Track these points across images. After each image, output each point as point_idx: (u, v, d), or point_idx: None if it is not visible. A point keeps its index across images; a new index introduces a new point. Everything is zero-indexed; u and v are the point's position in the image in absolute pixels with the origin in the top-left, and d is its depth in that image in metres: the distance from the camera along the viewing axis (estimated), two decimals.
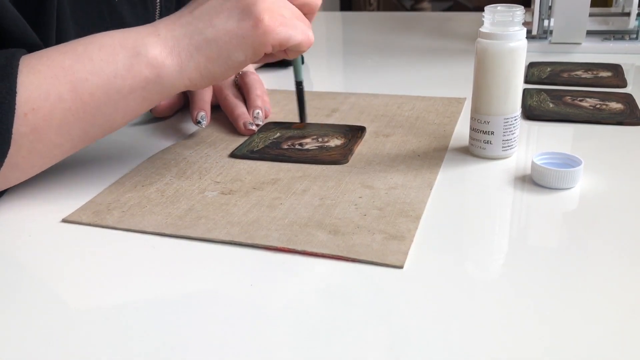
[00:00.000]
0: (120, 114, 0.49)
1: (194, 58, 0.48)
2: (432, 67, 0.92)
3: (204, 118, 0.63)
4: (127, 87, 0.48)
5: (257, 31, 0.48)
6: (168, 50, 0.48)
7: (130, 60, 0.47)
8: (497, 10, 0.52)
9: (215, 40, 0.48)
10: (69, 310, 0.37)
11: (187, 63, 0.48)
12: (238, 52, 0.48)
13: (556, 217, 0.47)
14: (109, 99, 0.48)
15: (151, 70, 0.48)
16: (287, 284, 0.39)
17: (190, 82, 0.49)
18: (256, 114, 0.64)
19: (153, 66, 0.48)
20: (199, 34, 0.48)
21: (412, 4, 2.97)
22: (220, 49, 0.48)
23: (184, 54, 0.48)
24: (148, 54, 0.48)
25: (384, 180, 0.52)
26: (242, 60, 0.49)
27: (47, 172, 0.56)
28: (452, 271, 0.40)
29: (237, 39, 0.48)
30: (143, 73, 0.48)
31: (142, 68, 0.48)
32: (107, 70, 0.47)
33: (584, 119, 0.65)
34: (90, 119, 0.48)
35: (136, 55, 0.48)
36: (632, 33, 0.98)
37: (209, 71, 0.49)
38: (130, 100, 0.48)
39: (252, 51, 0.49)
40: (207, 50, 0.48)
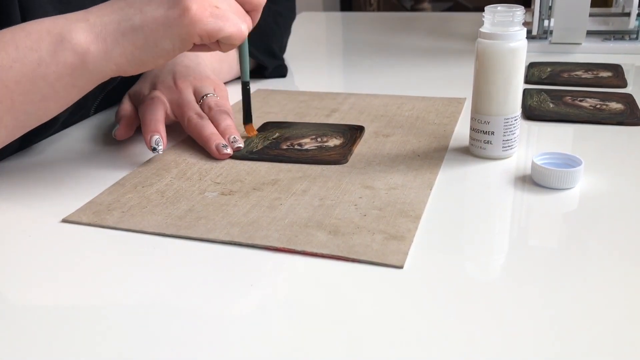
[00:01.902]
0: (52, 101, 0.49)
1: (120, 44, 0.48)
2: (432, 67, 0.92)
3: (159, 143, 0.56)
4: (52, 74, 0.47)
5: (183, 20, 0.47)
6: (94, 35, 0.48)
7: (54, 47, 0.47)
8: (497, 10, 0.52)
9: (142, 27, 0.48)
10: (69, 310, 0.37)
11: (112, 49, 0.48)
12: (165, 41, 0.48)
13: (556, 217, 0.47)
14: (35, 86, 0.47)
15: (75, 56, 0.47)
16: (287, 284, 0.39)
17: (118, 68, 0.49)
18: (233, 139, 0.59)
19: (77, 52, 0.47)
20: (127, 20, 0.48)
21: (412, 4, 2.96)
22: (147, 37, 0.48)
23: (110, 40, 0.48)
24: (72, 40, 0.47)
25: (384, 180, 0.52)
26: (170, 49, 0.49)
27: (47, 172, 0.56)
28: (452, 271, 0.40)
29: (164, 27, 0.48)
30: (68, 59, 0.47)
31: (66, 54, 0.47)
32: (31, 58, 0.47)
33: (584, 119, 0.65)
34: (20, 107, 0.48)
35: (60, 41, 0.47)
36: (632, 33, 0.98)
37: (136, 58, 0.49)
38: (58, 87, 0.48)
39: (179, 40, 0.49)
40: (133, 37, 0.48)
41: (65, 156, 0.61)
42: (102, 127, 0.68)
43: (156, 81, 0.65)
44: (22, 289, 0.40)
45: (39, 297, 0.39)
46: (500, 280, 0.39)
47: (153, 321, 0.36)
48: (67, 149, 0.62)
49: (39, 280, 0.41)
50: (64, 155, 0.61)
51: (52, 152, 0.62)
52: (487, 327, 0.34)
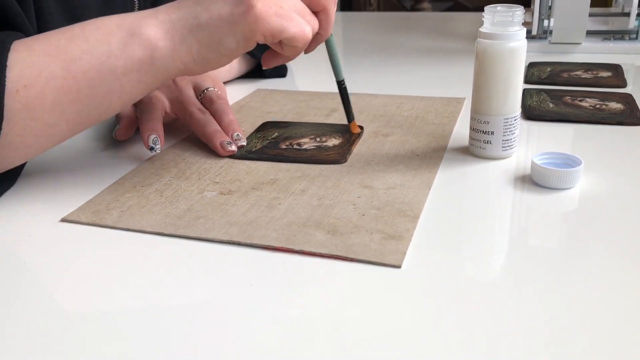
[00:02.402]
0: (116, 96, 0.49)
1: (186, 41, 0.48)
2: (432, 67, 0.92)
3: (157, 142, 0.57)
4: (121, 67, 0.47)
5: (247, 18, 0.47)
6: (163, 32, 0.48)
7: (124, 41, 0.47)
8: (497, 10, 0.52)
9: (208, 24, 0.48)
10: (68, 310, 0.37)
11: (179, 46, 0.48)
12: (229, 38, 0.48)
13: (556, 217, 0.47)
14: (102, 79, 0.47)
15: (144, 51, 0.47)
16: (285, 284, 0.39)
17: (184, 67, 0.49)
18: (236, 136, 0.59)
19: (146, 47, 0.47)
20: (194, 17, 0.48)
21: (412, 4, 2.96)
22: (212, 34, 0.48)
23: (177, 37, 0.48)
24: (142, 35, 0.47)
25: (383, 180, 0.52)
26: (234, 48, 0.49)
27: (47, 172, 0.56)
28: (451, 271, 0.40)
29: (228, 24, 0.47)
30: (136, 54, 0.47)
31: (135, 49, 0.47)
32: (101, 50, 0.47)
33: (584, 119, 0.65)
34: (84, 100, 0.47)
35: (131, 35, 0.47)
36: (632, 33, 0.98)
37: (202, 56, 0.48)
38: (124, 82, 0.48)
39: (242, 38, 0.48)
40: (199, 34, 0.48)
41: (64, 156, 0.61)
42: (102, 126, 0.68)
43: None
44: (21, 289, 0.40)
45: (38, 296, 0.39)
46: (499, 280, 0.39)
47: (152, 321, 0.36)
48: (66, 149, 0.62)
49: (38, 280, 0.40)
50: (64, 155, 0.61)
51: (51, 151, 0.62)
52: (486, 327, 0.34)
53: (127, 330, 0.35)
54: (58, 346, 0.34)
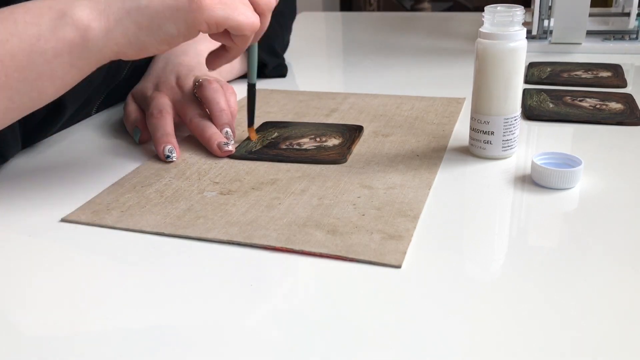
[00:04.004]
0: (47, 80, 0.46)
1: (122, 23, 0.46)
2: (432, 67, 0.92)
3: (173, 151, 0.57)
4: (51, 50, 0.45)
5: (191, 5, 0.46)
6: (97, 12, 0.46)
7: (55, 22, 0.45)
8: (497, 10, 0.52)
9: (147, 7, 0.46)
10: (68, 309, 0.37)
11: (114, 27, 0.46)
12: (170, 25, 0.46)
13: (556, 217, 0.47)
14: (31, 62, 0.45)
15: (76, 32, 0.45)
16: (285, 284, 0.39)
17: (118, 49, 0.47)
18: (226, 133, 0.59)
19: (78, 28, 0.45)
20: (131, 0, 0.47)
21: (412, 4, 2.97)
22: (152, 18, 0.46)
23: (113, 18, 0.46)
24: (74, 15, 0.45)
25: (383, 180, 0.52)
26: (174, 34, 0.47)
27: (47, 171, 0.56)
28: (451, 271, 0.40)
29: (171, 10, 0.46)
30: (68, 35, 0.45)
31: (66, 30, 0.45)
32: (30, 32, 0.45)
33: (584, 119, 0.65)
34: (14, 84, 0.45)
35: (62, 16, 0.45)
36: (632, 33, 0.98)
37: (139, 40, 0.47)
38: (55, 65, 0.46)
39: (184, 26, 0.47)
40: (137, 16, 0.46)
41: (65, 156, 0.61)
42: (103, 126, 0.68)
43: (159, 82, 0.65)
44: (21, 288, 0.40)
45: (38, 295, 0.39)
46: (499, 280, 0.39)
47: (152, 320, 0.36)
48: (66, 149, 0.62)
49: (38, 279, 0.40)
50: (64, 155, 0.61)
51: (52, 151, 0.62)
52: (485, 327, 0.34)
53: (127, 329, 0.35)
54: (57, 346, 0.34)
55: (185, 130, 0.63)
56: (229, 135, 0.59)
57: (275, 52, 0.86)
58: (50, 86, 0.47)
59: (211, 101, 0.61)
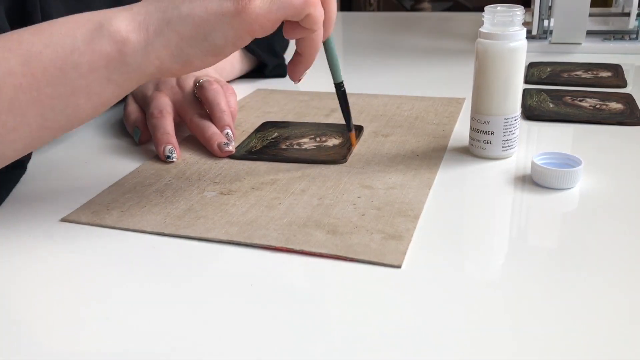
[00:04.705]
0: (83, 97, 0.43)
1: (163, 34, 0.42)
2: (432, 67, 0.92)
3: (173, 151, 0.56)
4: (86, 63, 0.42)
5: (237, 7, 0.42)
6: (136, 24, 0.42)
7: (91, 34, 0.42)
8: (497, 10, 0.52)
9: (190, 15, 0.42)
10: (68, 309, 0.37)
11: (154, 39, 0.42)
12: (216, 33, 0.42)
13: (556, 217, 0.47)
14: (65, 77, 0.42)
15: (113, 45, 0.42)
16: (285, 284, 0.39)
17: (161, 63, 0.43)
18: (226, 135, 0.58)
19: (115, 41, 0.42)
20: (173, 8, 0.43)
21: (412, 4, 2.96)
22: (197, 27, 0.42)
23: (152, 29, 0.42)
24: (111, 27, 0.42)
25: (383, 180, 0.52)
26: (221, 44, 0.43)
27: (47, 172, 0.56)
28: (451, 271, 0.40)
29: (216, 16, 0.42)
30: (104, 48, 0.42)
31: (102, 42, 0.42)
32: (64, 44, 0.42)
33: (584, 119, 0.65)
34: (46, 100, 0.42)
35: (99, 28, 0.42)
36: (632, 33, 0.98)
37: (182, 52, 0.43)
38: (91, 80, 0.42)
39: (232, 32, 0.42)
40: (179, 27, 0.42)
41: (65, 156, 0.61)
42: (104, 126, 0.68)
43: (159, 81, 0.64)
44: (21, 288, 0.40)
45: (38, 295, 0.39)
46: (499, 280, 0.39)
47: (152, 320, 0.36)
48: (67, 149, 0.62)
49: (38, 279, 0.40)
50: (64, 155, 0.61)
51: (52, 151, 0.62)
52: (485, 327, 0.34)
53: (127, 330, 0.35)
54: (58, 346, 0.34)
55: (185, 131, 0.63)
56: (230, 137, 0.59)
57: (275, 52, 0.86)
58: (85, 103, 0.43)
59: (212, 102, 0.61)
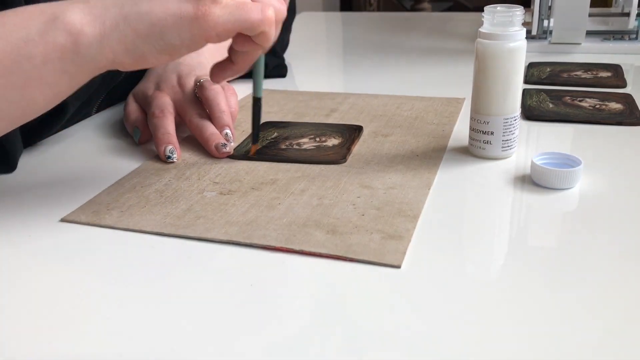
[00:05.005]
0: (37, 88, 0.43)
1: (119, 28, 0.42)
2: (432, 67, 0.92)
3: (174, 152, 0.57)
4: (40, 55, 0.42)
5: (196, 13, 0.42)
6: (91, 17, 0.43)
7: (45, 26, 0.42)
8: (496, 10, 0.52)
9: (149, 13, 0.42)
10: (68, 309, 0.37)
11: (110, 33, 0.42)
12: (172, 34, 0.43)
13: (555, 217, 0.47)
14: (18, 67, 0.42)
15: (67, 37, 0.42)
16: (285, 284, 0.39)
17: (114, 57, 0.43)
18: (226, 135, 0.58)
19: (70, 33, 0.42)
20: (132, 4, 0.43)
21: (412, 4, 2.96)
22: (152, 25, 0.42)
23: (109, 23, 0.42)
24: (66, 18, 0.42)
25: (383, 180, 0.52)
26: (176, 44, 0.43)
27: (47, 172, 0.56)
28: (450, 271, 0.40)
29: (174, 18, 0.42)
30: (58, 40, 0.42)
31: (57, 34, 0.42)
32: (18, 35, 0.42)
33: (584, 119, 0.65)
34: (1, 92, 0.42)
35: (53, 20, 0.42)
36: (632, 33, 0.98)
37: (137, 48, 0.43)
38: (45, 71, 0.42)
39: (189, 36, 0.43)
40: (136, 23, 0.42)
41: (65, 156, 0.61)
42: (104, 126, 0.68)
43: (160, 81, 0.64)
44: (21, 288, 0.40)
45: (38, 295, 0.39)
46: (498, 280, 0.39)
47: (152, 320, 0.36)
48: (67, 149, 0.62)
49: (38, 279, 0.40)
50: (64, 155, 0.61)
51: (52, 151, 0.62)
52: (485, 327, 0.34)
53: (127, 329, 0.35)
54: (57, 346, 0.34)
55: (185, 131, 0.63)
56: (229, 137, 0.59)
57: (275, 51, 0.86)
58: (40, 94, 0.44)
59: (212, 102, 0.60)
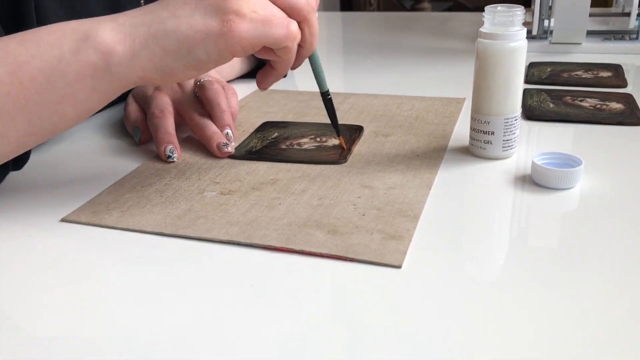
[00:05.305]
0: (69, 104, 0.45)
1: (148, 47, 0.44)
2: (432, 67, 0.92)
3: (174, 151, 0.57)
4: (73, 72, 0.44)
5: (222, 29, 0.43)
6: (122, 36, 0.44)
7: (77, 44, 0.44)
8: (497, 10, 0.52)
9: (175, 31, 0.44)
10: (68, 309, 0.37)
11: (139, 51, 0.44)
12: (200, 50, 0.44)
13: (556, 217, 0.47)
14: (52, 85, 0.44)
15: (99, 55, 0.44)
16: (286, 284, 0.39)
17: (144, 74, 0.45)
18: (227, 135, 0.59)
19: (101, 52, 0.44)
20: (159, 22, 0.44)
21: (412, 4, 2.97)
22: (181, 43, 0.44)
23: (138, 42, 0.44)
24: (97, 37, 0.44)
25: (383, 180, 0.52)
26: (204, 60, 0.45)
27: (47, 172, 0.56)
28: (451, 271, 0.40)
29: (201, 34, 0.44)
30: (90, 58, 0.44)
31: (89, 53, 0.44)
32: (52, 54, 0.44)
33: (584, 119, 0.65)
34: (33, 108, 0.44)
35: (85, 39, 0.44)
36: (632, 33, 0.98)
37: (166, 65, 0.45)
38: (77, 89, 0.44)
39: (216, 51, 0.44)
40: (164, 41, 0.44)
41: (65, 156, 0.61)
42: (103, 126, 0.68)
43: None
44: (21, 288, 0.40)
45: (38, 296, 0.39)
46: (499, 280, 0.39)
47: (152, 320, 0.36)
48: (67, 149, 0.62)
49: (38, 279, 0.40)
50: (64, 155, 0.61)
51: (52, 151, 0.62)
52: (485, 327, 0.34)
53: (128, 329, 0.35)
54: (57, 346, 0.34)
55: (185, 131, 0.63)
56: (230, 137, 0.59)
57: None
58: (71, 110, 0.46)
59: (212, 102, 0.61)
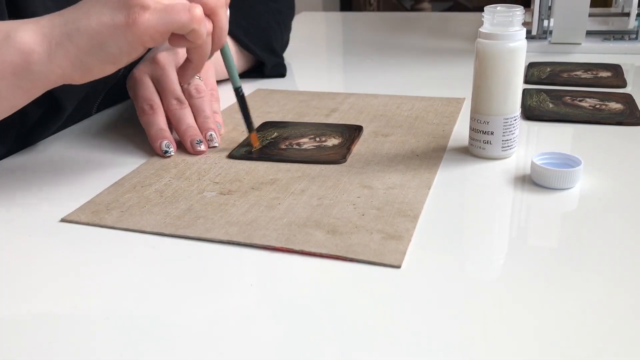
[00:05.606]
0: None
1: (63, 46, 0.46)
2: (432, 67, 0.92)
3: (170, 146, 0.58)
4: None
5: (127, 20, 0.45)
6: (41, 37, 0.46)
7: (0, 44, 0.46)
8: (496, 10, 0.52)
9: (87, 28, 0.46)
10: (68, 309, 0.37)
11: (56, 50, 0.46)
12: (110, 44, 0.46)
13: (555, 217, 0.47)
14: None
15: (19, 55, 0.46)
16: (285, 284, 0.39)
17: (63, 72, 0.47)
18: (209, 136, 0.60)
19: (21, 51, 0.46)
20: (73, 21, 0.47)
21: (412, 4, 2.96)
22: (91, 38, 0.46)
23: (55, 41, 0.46)
24: (17, 38, 0.46)
25: (383, 180, 0.52)
26: (117, 53, 0.47)
27: (47, 171, 0.56)
28: (450, 271, 0.40)
29: (108, 28, 0.46)
30: (11, 58, 0.46)
31: (10, 52, 0.46)
32: None
33: (584, 119, 0.65)
34: None
35: (6, 39, 0.46)
36: (632, 33, 0.98)
37: (81, 62, 0.47)
38: (1, 86, 0.46)
39: (125, 43, 0.46)
40: (77, 39, 0.46)
41: (65, 155, 0.61)
42: (103, 126, 0.68)
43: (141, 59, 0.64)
44: (21, 288, 0.40)
45: (38, 296, 0.39)
46: (499, 280, 0.39)
47: (152, 320, 0.36)
48: (67, 149, 0.62)
49: (38, 279, 0.40)
50: (64, 155, 0.61)
51: (52, 151, 0.62)
52: (485, 327, 0.34)
53: (127, 330, 0.35)
54: (58, 346, 0.34)
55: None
56: (213, 138, 0.60)
57: (274, 51, 0.86)
58: None
59: (198, 109, 0.61)
